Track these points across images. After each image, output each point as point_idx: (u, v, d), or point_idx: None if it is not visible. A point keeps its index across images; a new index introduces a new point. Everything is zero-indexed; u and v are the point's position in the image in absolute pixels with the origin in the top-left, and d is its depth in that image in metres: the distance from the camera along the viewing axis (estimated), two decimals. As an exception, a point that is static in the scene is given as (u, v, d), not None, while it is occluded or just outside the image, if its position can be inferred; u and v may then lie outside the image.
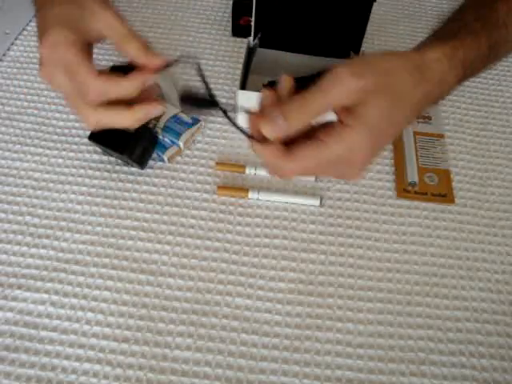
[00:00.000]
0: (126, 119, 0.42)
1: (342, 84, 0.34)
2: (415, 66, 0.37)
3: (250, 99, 0.52)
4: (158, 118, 0.52)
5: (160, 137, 0.51)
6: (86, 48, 0.42)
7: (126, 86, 0.41)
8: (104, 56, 0.61)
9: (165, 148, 0.51)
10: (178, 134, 0.51)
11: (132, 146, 0.48)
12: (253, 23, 0.56)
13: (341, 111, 0.36)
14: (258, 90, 0.54)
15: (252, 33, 0.57)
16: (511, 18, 0.44)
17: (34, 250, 0.46)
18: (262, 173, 0.52)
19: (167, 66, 0.43)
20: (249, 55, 0.57)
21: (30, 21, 0.65)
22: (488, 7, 0.44)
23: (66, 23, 0.41)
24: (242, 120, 0.54)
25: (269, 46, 0.59)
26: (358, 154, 0.36)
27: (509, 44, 0.45)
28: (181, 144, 0.51)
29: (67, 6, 0.42)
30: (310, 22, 0.57)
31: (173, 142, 0.51)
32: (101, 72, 0.41)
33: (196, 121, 0.53)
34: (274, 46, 0.59)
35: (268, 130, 0.35)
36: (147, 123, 0.50)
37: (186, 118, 0.52)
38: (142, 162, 0.49)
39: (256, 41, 0.58)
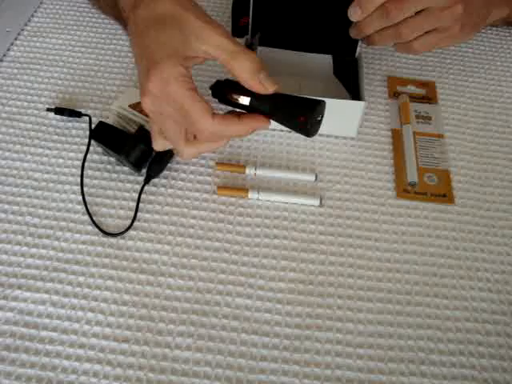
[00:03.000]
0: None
1: None
2: None
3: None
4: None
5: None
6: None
7: (239, 131, 0.40)
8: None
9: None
10: (178, 134, 0.51)
11: (130, 147, 0.48)
12: (250, 20, 0.56)
13: None
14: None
15: (249, 31, 0.57)
16: None
17: (34, 250, 0.46)
18: (262, 173, 0.52)
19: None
20: None
21: (30, 20, 0.65)
22: None
23: (174, 53, 0.38)
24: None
25: (267, 44, 0.59)
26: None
27: None
28: (181, 144, 0.51)
29: (170, 33, 0.39)
30: (308, 19, 0.57)
31: (173, 142, 0.51)
32: (214, 113, 0.39)
33: (196, 121, 0.53)
34: (273, 44, 0.59)
35: None
36: (147, 128, 0.51)
37: (186, 118, 0.52)
38: (138, 165, 0.49)
39: (255, 39, 0.58)
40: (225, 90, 0.42)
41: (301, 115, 0.40)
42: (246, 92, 0.40)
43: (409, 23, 0.48)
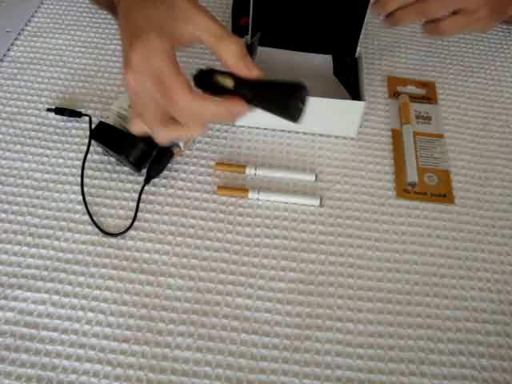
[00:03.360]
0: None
1: None
2: None
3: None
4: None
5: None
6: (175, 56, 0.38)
7: (218, 111, 0.38)
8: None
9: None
10: (178, 134, 0.51)
11: (130, 147, 0.48)
12: (250, 20, 0.56)
13: None
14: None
15: (250, 31, 0.57)
16: None
17: (34, 250, 0.46)
18: (262, 173, 0.52)
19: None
20: None
21: (30, 20, 0.65)
22: None
23: (160, 28, 0.37)
24: (239, 120, 0.55)
25: (267, 44, 0.59)
26: None
27: None
28: (181, 144, 0.51)
29: (159, 12, 0.38)
30: (308, 19, 0.57)
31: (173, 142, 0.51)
32: (193, 91, 0.38)
33: (196, 121, 0.53)
34: (273, 44, 0.59)
35: None
36: None
37: (186, 118, 0.52)
38: (138, 165, 0.49)
39: (255, 39, 0.58)
40: (208, 77, 0.41)
41: (284, 98, 0.39)
42: (229, 77, 0.39)
43: None
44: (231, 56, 0.38)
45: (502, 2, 0.51)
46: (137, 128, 0.42)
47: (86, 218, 0.48)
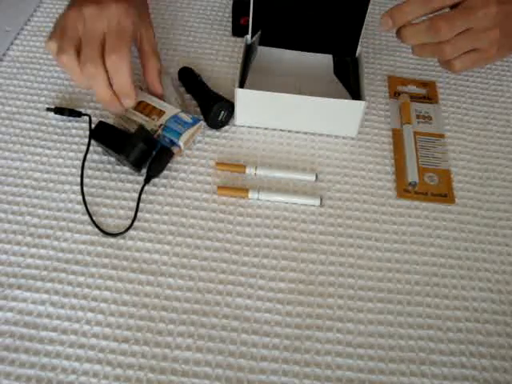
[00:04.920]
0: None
1: None
2: None
3: (248, 97, 0.52)
4: (159, 125, 0.52)
5: (160, 140, 0.51)
6: None
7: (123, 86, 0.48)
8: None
9: (165, 148, 0.51)
10: (179, 134, 0.51)
11: (130, 147, 0.48)
12: (250, 19, 0.56)
13: None
14: None
15: (250, 30, 0.57)
16: None
17: (33, 250, 0.46)
18: (262, 173, 0.52)
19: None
20: (246, 53, 0.57)
21: (29, 19, 0.65)
22: None
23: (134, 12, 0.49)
24: (239, 119, 0.55)
25: (267, 43, 0.59)
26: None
27: None
28: (181, 144, 0.51)
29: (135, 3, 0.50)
30: (308, 19, 0.57)
31: (173, 142, 0.51)
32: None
33: (196, 121, 0.53)
34: (273, 44, 0.59)
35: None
36: (147, 128, 0.51)
37: (186, 118, 0.52)
38: (138, 165, 0.49)
39: (255, 38, 0.58)
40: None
41: (206, 109, 0.54)
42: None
43: (453, 42, 0.47)
44: (155, 69, 0.54)
45: (509, 39, 0.51)
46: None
47: (86, 217, 0.48)
